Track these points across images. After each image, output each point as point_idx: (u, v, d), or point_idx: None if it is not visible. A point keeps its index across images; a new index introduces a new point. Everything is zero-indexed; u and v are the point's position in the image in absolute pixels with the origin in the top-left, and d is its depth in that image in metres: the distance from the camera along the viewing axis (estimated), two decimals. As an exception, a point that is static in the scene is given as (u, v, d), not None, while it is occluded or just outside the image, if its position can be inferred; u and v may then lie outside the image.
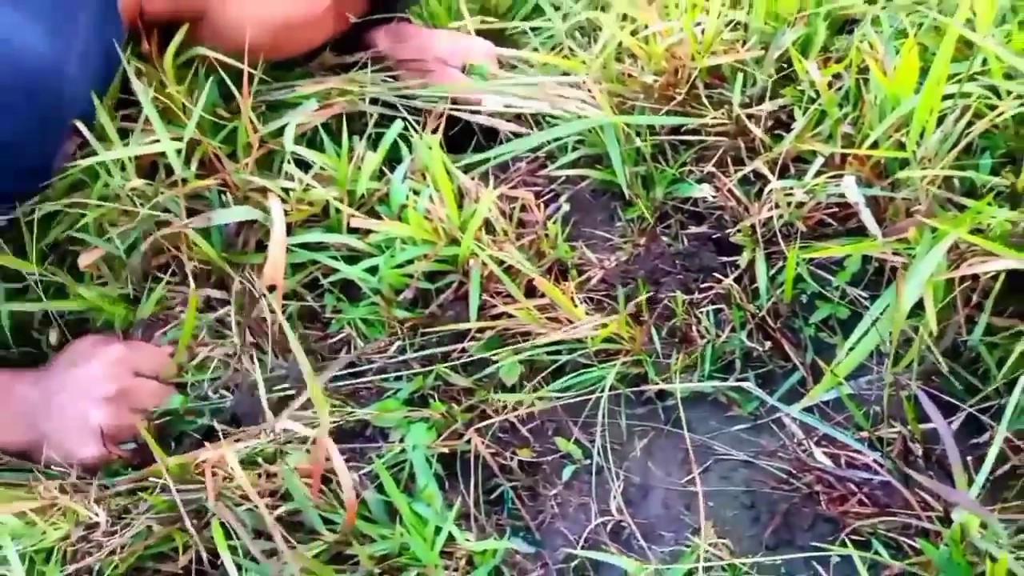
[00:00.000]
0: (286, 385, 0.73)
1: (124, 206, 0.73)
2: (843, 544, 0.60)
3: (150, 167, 0.77)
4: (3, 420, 0.71)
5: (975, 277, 0.64)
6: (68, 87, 0.66)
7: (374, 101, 0.90)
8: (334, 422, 0.69)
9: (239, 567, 0.59)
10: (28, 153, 0.67)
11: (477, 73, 0.93)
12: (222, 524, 0.60)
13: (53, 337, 0.74)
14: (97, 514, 0.61)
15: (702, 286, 0.77)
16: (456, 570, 0.62)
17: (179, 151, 0.72)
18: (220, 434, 0.70)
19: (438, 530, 0.63)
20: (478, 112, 0.88)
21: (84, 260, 0.71)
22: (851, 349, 0.65)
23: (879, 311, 0.66)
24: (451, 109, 0.89)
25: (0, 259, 0.71)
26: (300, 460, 0.65)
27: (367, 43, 0.97)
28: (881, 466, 0.61)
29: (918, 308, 0.61)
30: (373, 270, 0.76)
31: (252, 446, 0.67)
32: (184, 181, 0.74)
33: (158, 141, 0.73)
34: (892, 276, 0.70)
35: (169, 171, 0.75)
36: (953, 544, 0.54)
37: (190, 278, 0.73)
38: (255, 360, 0.73)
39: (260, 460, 0.67)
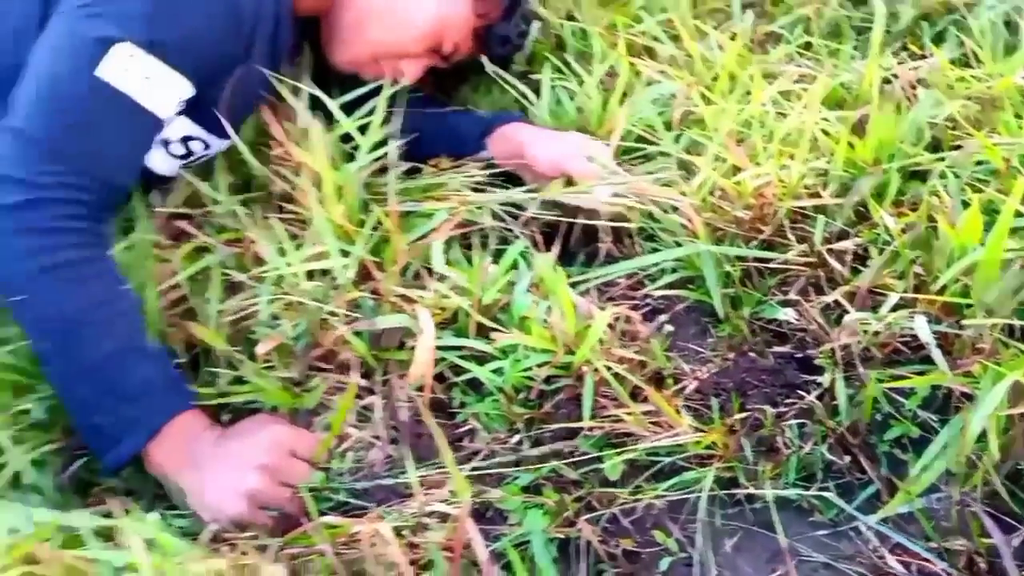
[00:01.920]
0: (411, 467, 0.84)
1: (293, 295, 0.87)
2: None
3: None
4: (179, 447, 0.82)
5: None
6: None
7: (495, 214, 1.04)
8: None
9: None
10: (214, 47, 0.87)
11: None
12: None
13: (225, 419, 0.86)
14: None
15: (787, 401, 0.87)
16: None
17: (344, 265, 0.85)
18: (355, 510, 0.82)
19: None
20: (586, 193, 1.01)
21: (262, 348, 0.84)
22: (923, 469, 0.74)
23: (947, 437, 0.75)
24: (562, 197, 1.01)
25: (196, 330, 0.84)
26: (439, 535, 0.76)
27: (484, 147, 1.11)
28: (949, 575, 0.70)
29: (982, 435, 0.71)
30: (498, 371, 0.88)
31: (397, 519, 0.78)
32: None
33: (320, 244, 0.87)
34: (960, 402, 0.80)
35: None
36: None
37: (353, 375, 0.85)
38: (394, 443, 0.85)
39: (402, 533, 0.78)
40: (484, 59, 1.17)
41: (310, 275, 0.89)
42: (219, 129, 0.96)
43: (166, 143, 0.95)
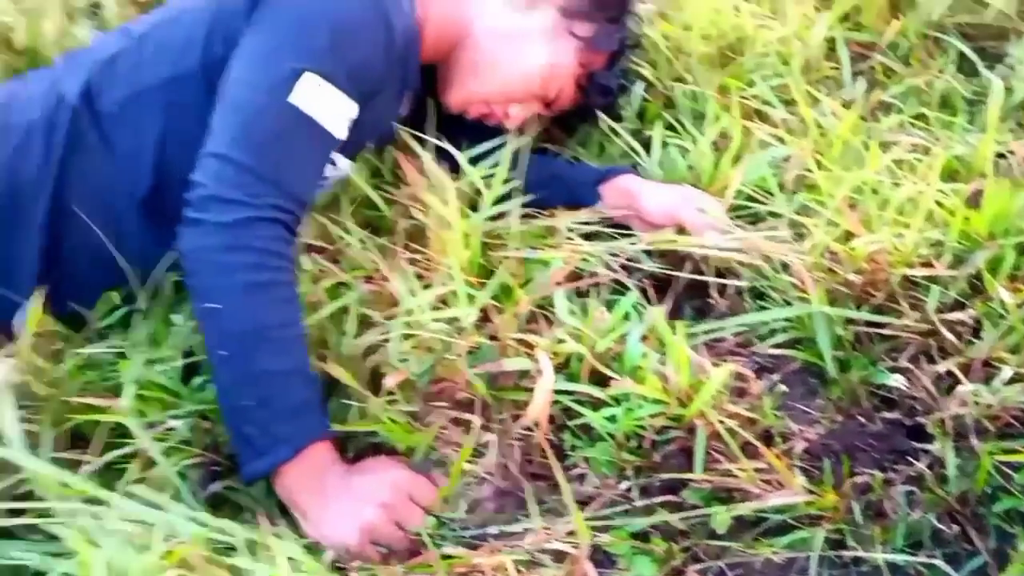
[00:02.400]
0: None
1: (422, 334, 0.92)
2: None
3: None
4: (310, 473, 0.87)
5: None
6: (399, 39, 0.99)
7: (607, 264, 1.08)
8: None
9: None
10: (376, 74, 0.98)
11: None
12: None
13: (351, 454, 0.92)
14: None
15: (895, 467, 0.88)
16: None
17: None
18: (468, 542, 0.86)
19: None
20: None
21: (390, 381, 0.89)
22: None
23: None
24: (674, 244, 1.05)
25: (332, 367, 0.90)
26: (553, 574, 0.79)
27: (598, 197, 1.16)
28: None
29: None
30: (611, 417, 0.91)
31: (512, 554, 0.81)
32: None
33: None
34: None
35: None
36: None
37: (475, 418, 0.89)
38: (506, 479, 0.89)
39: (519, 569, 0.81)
40: (599, 112, 1.23)
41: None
42: (345, 151, 1.04)
43: None
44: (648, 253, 1.10)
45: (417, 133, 1.11)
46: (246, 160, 0.88)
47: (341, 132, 0.95)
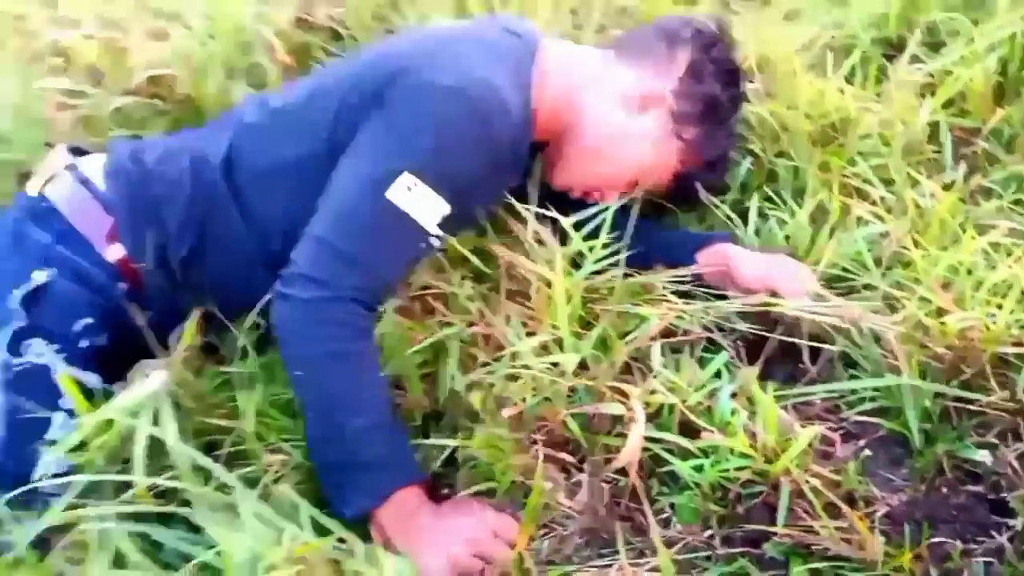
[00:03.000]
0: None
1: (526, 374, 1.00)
2: None
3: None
4: (400, 515, 0.96)
5: None
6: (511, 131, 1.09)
7: (703, 324, 1.14)
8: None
9: None
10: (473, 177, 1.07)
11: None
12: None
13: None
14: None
15: (977, 539, 0.90)
16: None
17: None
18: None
19: None
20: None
21: (507, 412, 0.98)
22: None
23: None
24: (768, 307, 1.10)
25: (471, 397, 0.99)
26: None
27: (694, 262, 1.22)
28: None
29: None
30: (698, 467, 0.96)
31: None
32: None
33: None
34: None
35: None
36: None
37: (568, 458, 0.97)
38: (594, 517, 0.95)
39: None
40: (699, 187, 1.29)
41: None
42: (455, 222, 1.11)
43: None
44: (742, 316, 1.15)
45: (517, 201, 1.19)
46: (340, 245, 1.00)
47: (433, 227, 1.04)
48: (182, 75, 1.47)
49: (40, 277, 1.09)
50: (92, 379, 1.07)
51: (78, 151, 1.22)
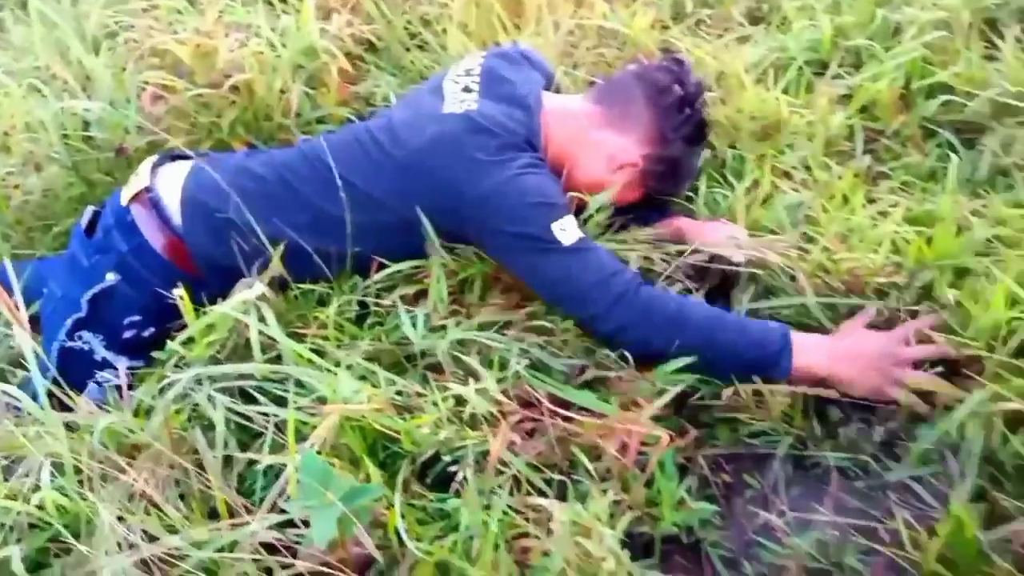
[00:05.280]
0: None
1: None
2: None
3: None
4: (817, 353, 1.27)
5: None
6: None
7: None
8: None
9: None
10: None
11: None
12: None
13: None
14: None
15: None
16: None
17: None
18: None
19: None
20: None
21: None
22: None
23: None
24: (711, 249, 1.46)
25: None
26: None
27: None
28: None
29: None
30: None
31: None
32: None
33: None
34: None
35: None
36: None
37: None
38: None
39: None
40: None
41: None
42: None
43: None
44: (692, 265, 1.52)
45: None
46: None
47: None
48: (256, 76, 1.83)
49: (111, 278, 1.48)
50: (122, 362, 1.44)
51: (167, 157, 1.60)
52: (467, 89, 1.50)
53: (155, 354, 1.39)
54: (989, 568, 0.97)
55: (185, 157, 1.62)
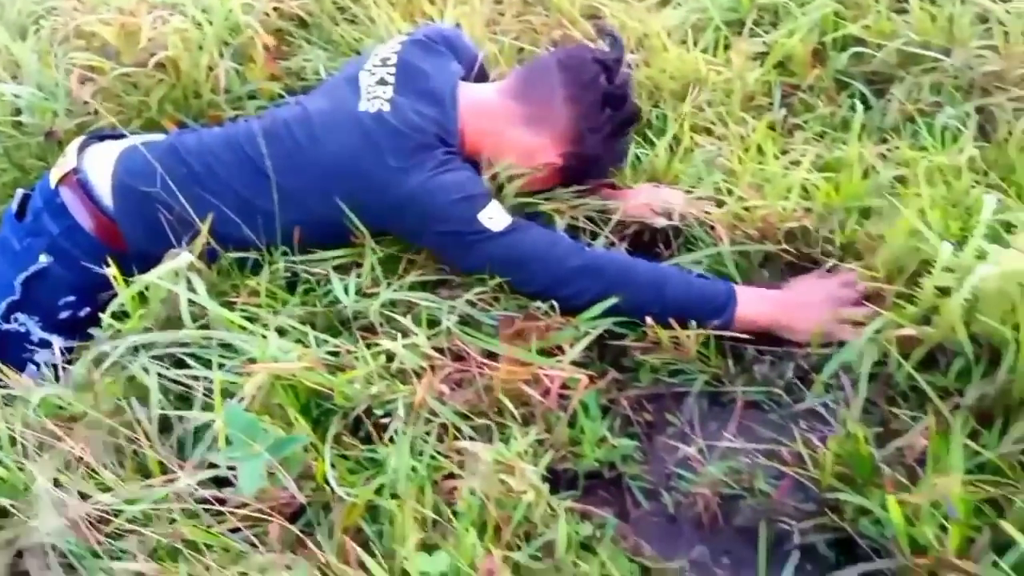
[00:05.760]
0: None
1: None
2: None
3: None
4: (760, 303, 1.35)
5: None
6: None
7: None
8: None
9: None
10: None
11: None
12: None
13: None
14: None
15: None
16: None
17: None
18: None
19: None
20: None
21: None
22: None
23: None
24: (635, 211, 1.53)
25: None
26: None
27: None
28: None
29: None
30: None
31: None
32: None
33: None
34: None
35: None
36: None
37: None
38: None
39: None
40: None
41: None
42: None
43: None
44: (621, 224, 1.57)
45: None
46: None
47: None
48: (180, 53, 1.84)
49: (44, 260, 1.50)
50: (59, 341, 1.46)
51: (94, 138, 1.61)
52: (382, 82, 1.50)
53: (92, 331, 1.41)
54: (880, 480, 1.03)
55: (113, 137, 1.63)
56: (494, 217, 1.39)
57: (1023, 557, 0.93)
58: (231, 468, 1.03)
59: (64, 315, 1.53)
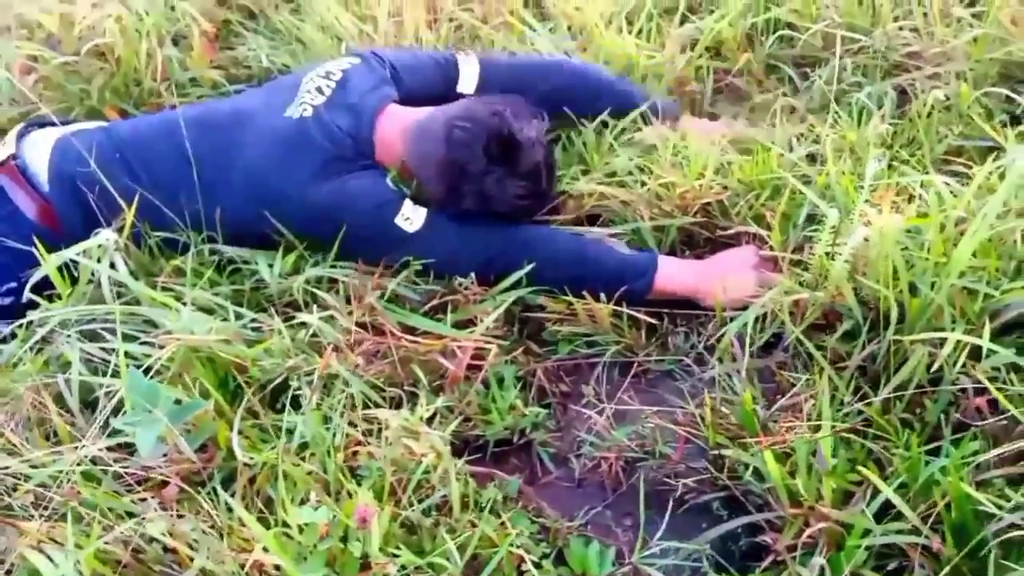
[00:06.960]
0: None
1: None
2: None
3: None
4: (679, 272, 1.40)
5: None
6: None
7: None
8: None
9: None
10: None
11: None
12: None
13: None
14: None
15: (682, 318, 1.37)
16: None
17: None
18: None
19: None
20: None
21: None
22: None
23: None
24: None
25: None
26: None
27: None
28: None
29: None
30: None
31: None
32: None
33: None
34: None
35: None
36: None
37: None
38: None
39: None
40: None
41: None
42: None
43: None
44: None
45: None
46: None
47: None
48: (117, 40, 1.87)
49: None
50: (2, 327, 1.48)
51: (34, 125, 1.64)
52: (319, 90, 1.56)
53: (30, 314, 1.43)
54: (766, 434, 1.07)
55: (54, 124, 1.65)
56: (410, 217, 1.43)
57: (886, 504, 0.97)
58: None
59: (6, 301, 1.54)
